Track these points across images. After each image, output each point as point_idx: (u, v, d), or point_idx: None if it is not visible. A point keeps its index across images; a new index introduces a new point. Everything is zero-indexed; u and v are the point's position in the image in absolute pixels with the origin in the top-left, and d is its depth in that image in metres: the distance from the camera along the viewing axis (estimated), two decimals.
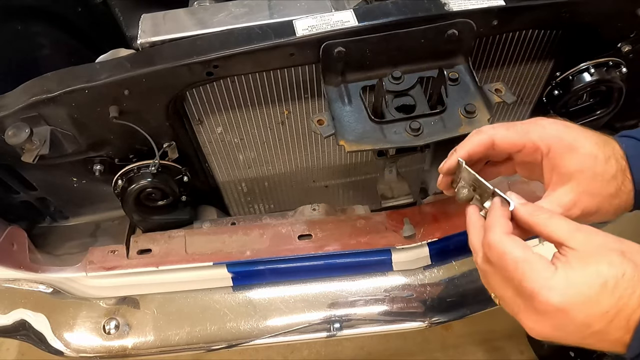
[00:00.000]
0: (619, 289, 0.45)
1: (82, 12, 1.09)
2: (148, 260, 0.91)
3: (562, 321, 0.47)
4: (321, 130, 0.79)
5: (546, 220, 0.52)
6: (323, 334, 0.90)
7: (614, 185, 0.57)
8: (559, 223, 0.51)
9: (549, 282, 0.47)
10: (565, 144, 0.57)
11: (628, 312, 0.45)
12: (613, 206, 0.58)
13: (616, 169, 0.57)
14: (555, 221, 0.51)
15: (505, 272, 0.50)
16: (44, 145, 0.78)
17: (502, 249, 0.50)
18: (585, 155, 0.57)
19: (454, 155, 0.60)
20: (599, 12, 0.83)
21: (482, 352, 1.60)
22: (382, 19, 0.78)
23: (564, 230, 0.50)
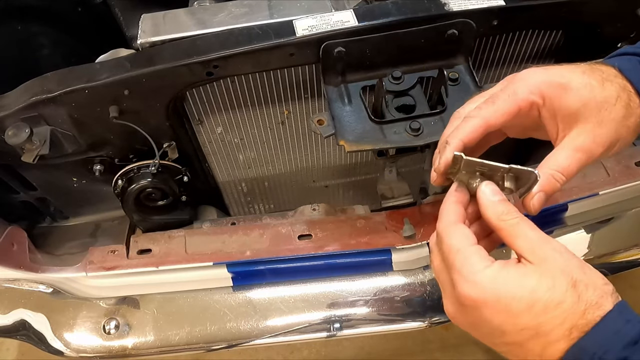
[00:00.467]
0: (545, 315, 0.42)
1: (82, 12, 1.09)
2: (148, 260, 0.91)
3: (476, 319, 0.46)
4: (321, 130, 0.79)
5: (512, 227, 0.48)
6: (323, 334, 0.90)
7: (622, 105, 0.53)
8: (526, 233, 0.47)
9: (474, 276, 0.46)
10: (556, 84, 0.53)
11: (546, 339, 0.42)
12: (632, 127, 0.54)
13: (616, 88, 0.53)
14: (522, 230, 0.48)
15: (446, 256, 0.50)
16: (44, 145, 0.78)
17: (448, 234, 0.50)
18: (579, 87, 0.52)
19: (448, 148, 0.54)
20: (599, 12, 0.83)
21: (482, 352, 1.60)
22: (382, 19, 0.78)
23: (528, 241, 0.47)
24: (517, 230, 0.48)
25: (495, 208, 0.50)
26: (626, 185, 0.93)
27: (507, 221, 0.49)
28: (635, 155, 0.97)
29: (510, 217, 0.49)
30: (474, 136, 0.54)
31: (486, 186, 0.51)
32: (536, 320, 0.43)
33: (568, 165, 0.52)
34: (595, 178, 0.94)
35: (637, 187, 0.93)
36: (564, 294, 0.43)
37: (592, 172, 0.95)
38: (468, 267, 0.47)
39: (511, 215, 0.49)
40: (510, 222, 0.48)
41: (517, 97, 0.53)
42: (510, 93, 0.54)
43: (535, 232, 0.48)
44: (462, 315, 0.49)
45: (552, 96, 0.53)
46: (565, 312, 0.42)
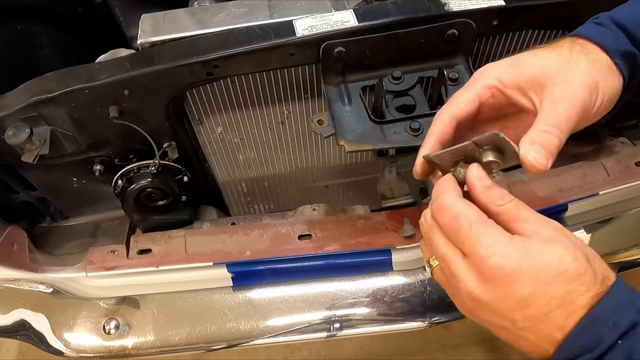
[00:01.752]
0: (574, 282, 0.43)
1: (82, 12, 1.09)
2: (148, 260, 0.91)
3: (504, 291, 0.45)
4: (321, 130, 0.79)
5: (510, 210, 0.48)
6: (323, 334, 0.90)
7: (578, 52, 0.54)
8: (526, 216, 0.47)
9: (503, 247, 0.45)
10: (507, 65, 0.55)
11: (572, 308, 0.43)
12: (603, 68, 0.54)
13: (566, 45, 0.55)
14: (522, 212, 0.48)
15: (455, 234, 0.48)
16: (44, 145, 0.78)
17: (456, 210, 0.48)
18: (528, 57, 0.55)
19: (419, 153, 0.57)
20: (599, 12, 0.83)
21: (482, 352, 1.60)
22: (382, 19, 0.78)
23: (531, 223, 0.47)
24: (517, 213, 0.48)
25: (489, 193, 0.49)
26: (626, 185, 0.93)
27: (504, 205, 0.48)
28: (635, 155, 0.97)
29: (506, 200, 0.48)
30: (447, 131, 0.56)
31: (475, 170, 0.50)
32: (565, 288, 0.43)
33: (556, 116, 0.51)
34: (595, 178, 0.94)
35: (637, 187, 0.93)
36: (585, 264, 0.44)
37: (592, 172, 0.95)
38: (494, 237, 0.45)
39: (506, 198, 0.49)
40: (507, 206, 0.48)
41: (474, 86, 0.56)
42: (469, 84, 0.57)
43: (534, 213, 0.48)
44: (487, 292, 0.46)
45: (508, 75, 0.55)
46: (588, 282, 0.43)
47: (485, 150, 0.50)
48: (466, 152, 0.52)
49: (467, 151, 0.52)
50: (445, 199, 0.49)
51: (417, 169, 0.57)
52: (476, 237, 0.46)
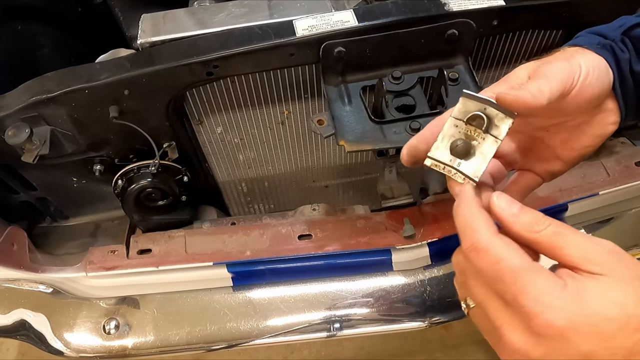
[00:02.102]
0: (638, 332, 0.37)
1: (82, 12, 1.09)
2: (148, 260, 0.91)
3: (559, 348, 0.39)
4: (321, 130, 0.79)
5: (551, 237, 0.41)
6: (323, 334, 0.90)
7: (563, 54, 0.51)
8: (571, 241, 0.41)
9: (554, 301, 0.39)
10: None
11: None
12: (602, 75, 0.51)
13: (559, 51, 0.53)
14: (565, 238, 0.41)
15: (496, 281, 0.41)
16: (44, 145, 0.78)
17: (495, 254, 0.41)
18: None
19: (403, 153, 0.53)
20: (599, 12, 0.83)
21: (482, 352, 1.60)
22: (382, 19, 0.78)
23: (579, 250, 0.41)
24: (559, 239, 0.42)
25: (521, 221, 0.43)
26: (626, 185, 0.93)
27: (541, 232, 0.42)
28: (635, 155, 0.97)
29: (543, 225, 0.42)
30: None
31: (496, 199, 0.45)
32: (631, 339, 0.38)
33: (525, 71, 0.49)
34: (595, 178, 0.94)
35: (637, 187, 0.93)
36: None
37: (592, 172, 0.95)
38: (541, 288, 0.39)
39: (543, 223, 0.43)
40: (545, 232, 0.42)
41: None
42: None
43: (579, 236, 0.42)
44: (539, 348, 0.40)
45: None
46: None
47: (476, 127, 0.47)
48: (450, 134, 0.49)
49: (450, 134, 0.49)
50: (481, 239, 0.42)
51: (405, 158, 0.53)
52: (521, 288, 0.40)
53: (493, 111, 0.46)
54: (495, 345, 0.44)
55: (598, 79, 0.51)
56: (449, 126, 0.49)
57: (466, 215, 0.45)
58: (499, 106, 0.46)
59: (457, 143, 0.48)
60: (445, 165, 0.50)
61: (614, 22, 0.58)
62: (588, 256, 0.40)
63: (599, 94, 0.51)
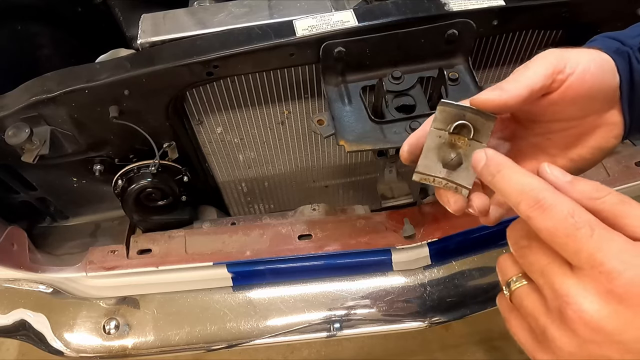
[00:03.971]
0: None
1: (82, 12, 1.09)
2: (148, 260, 0.91)
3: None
4: (321, 130, 0.79)
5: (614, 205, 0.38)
6: (323, 334, 0.90)
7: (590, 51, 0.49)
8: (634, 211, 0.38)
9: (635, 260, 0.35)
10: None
11: None
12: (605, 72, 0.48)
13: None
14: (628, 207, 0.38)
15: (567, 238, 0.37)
16: (44, 145, 0.78)
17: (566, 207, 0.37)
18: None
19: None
20: (599, 12, 0.83)
21: (482, 352, 1.60)
22: (382, 19, 0.78)
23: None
24: (622, 208, 0.38)
25: (579, 188, 0.40)
26: (626, 185, 0.93)
27: (603, 198, 0.39)
28: (635, 155, 0.97)
29: (603, 192, 0.39)
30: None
31: (547, 167, 0.42)
32: None
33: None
34: (595, 178, 0.94)
35: (637, 187, 0.93)
36: None
37: (592, 172, 0.95)
38: (623, 247, 0.35)
39: (603, 190, 0.39)
40: (607, 199, 0.39)
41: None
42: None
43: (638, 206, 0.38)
44: (614, 317, 0.35)
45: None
46: None
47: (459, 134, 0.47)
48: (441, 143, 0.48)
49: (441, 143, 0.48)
50: (547, 195, 0.38)
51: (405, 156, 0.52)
52: (599, 244, 0.36)
53: (472, 117, 0.46)
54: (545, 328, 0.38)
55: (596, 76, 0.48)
56: (432, 138, 0.48)
57: (518, 174, 0.41)
58: (477, 110, 0.46)
59: (451, 157, 0.48)
60: (436, 178, 0.50)
61: (632, 29, 0.55)
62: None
63: (597, 93, 0.49)
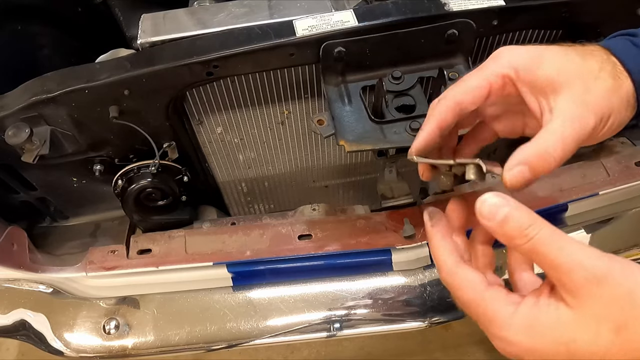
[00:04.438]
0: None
1: (82, 12, 1.09)
2: (148, 260, 0.91)
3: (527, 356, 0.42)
4: (321, 130, 0.79)
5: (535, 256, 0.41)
6: (323, 334, 0.90)
7: (608, 74, 0.48)
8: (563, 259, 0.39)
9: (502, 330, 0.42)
10: (527, 56, 0.49)
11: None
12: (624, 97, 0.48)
13: (597, 60, 0.49)
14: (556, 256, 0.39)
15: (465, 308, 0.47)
16: (44, 145, 0.78)
17: (452, 290, 0.47)
18: (555, 56, 0.48)
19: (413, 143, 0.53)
20: (599, 12, 0.83)
21: (482, 352, 1.60)
22: (382, 19, 0.78)
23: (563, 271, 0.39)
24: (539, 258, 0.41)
25: (504, 231, 0.42)
26: (626, 185, 0.93)
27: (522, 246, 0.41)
28: (635, 155, 0.97)
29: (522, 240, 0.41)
30: (447, 118, 0.51)
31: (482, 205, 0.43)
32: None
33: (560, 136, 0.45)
34: (595, 178, 0.94)
35: (637, 187, 0.93)
36: (608, 344, 0.37)
37: (592, 172, 0.95)
38: (493, 319, 0.43)
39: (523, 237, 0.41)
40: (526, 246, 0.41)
41: (486, 71, 0.50)
42: (481, 68, 0.51)
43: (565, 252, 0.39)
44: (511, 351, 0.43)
45: (525, 67, 0.48)
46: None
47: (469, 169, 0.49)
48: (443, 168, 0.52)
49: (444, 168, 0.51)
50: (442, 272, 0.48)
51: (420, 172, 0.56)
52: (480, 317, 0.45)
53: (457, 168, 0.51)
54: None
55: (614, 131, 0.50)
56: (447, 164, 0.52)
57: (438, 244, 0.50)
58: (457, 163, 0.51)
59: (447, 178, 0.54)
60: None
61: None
62: (564, 281, 0.39)
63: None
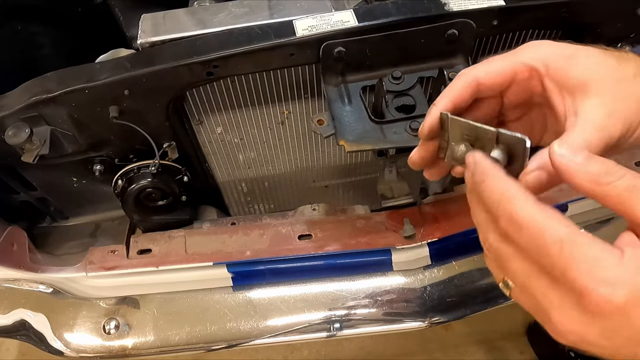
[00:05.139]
0: None
1: (82, 12, 1.09)
2: (148, 260, 0.91)
3: (619, 325, 0.34)
4: (321, 130, 0.79)
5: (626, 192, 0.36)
6: (323, 334, 0.90)
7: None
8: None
9: (611, 274, 0.34)
10: (561, 53, 0.46)
11: None
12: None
13: (633, 65, 0.46)
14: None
15: (540, 255, 0.36)
16: (44, 145, 0.78)
17: (538, 225, 0.36)
18: (589, 57, 0.46)
19: (434, 109, 0.48)
20: (599, 12, 0.83)
21: (482, 352, 1.60)
22: (382, 19, 0.78)
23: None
24: (632, 196, 0.36)
25: (588, 170, 0.38)
26: None
27: (612, 184, 0.37)
28: (635, 155, 0.97)
29: (614, 176, 0.37)
30: (464, 94, 0.48)
31: (560, 146, 0.39)
32: None
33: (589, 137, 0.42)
34: None
35: None
36: None
37: None
38: (597, 261, 0.34)
39: (615, 174, 0.37)
40: (616, 184, 0.37)
41: (515, 58, 0.48)
42: (509, 55, 0.48)
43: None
44: (590, 328, 0.36)
45: (557, 65, 0.46)
46: None
47: (501, 149, 0.43)
48: (481, 135, 0.44)
49: (483, 135, 0.44)
50: (520, 211, 0.37)
51: (425, 129, 0.48)
52: (570, 261, 0.35)
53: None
54: (546, 325, 0.39)
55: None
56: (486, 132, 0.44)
57: (498, 186, 0.39)
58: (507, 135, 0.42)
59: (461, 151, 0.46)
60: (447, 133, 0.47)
61: None
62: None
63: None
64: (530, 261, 0.38)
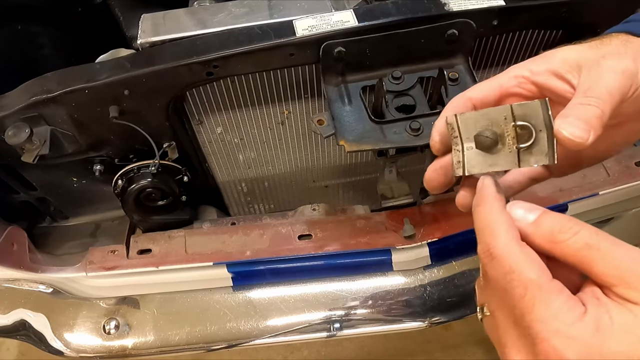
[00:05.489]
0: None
1: (82, 12, 1.09)
2: (148, 260, 0.91)
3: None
4: (321, 130, 0.79)
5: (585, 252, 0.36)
6: (323, 334, 0.90)
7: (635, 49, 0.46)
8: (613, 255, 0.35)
9: (568, 329, 0.34)
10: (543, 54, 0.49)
11: None
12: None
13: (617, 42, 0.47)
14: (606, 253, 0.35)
15: (506, 293, 0.37)
16: (44, 145, 0.78)
17: (511, 264, 0.37)
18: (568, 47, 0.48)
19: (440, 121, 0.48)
20: (599, 12, 0.83)
21: (482, 352, 1.60)
22: (382, 19, 0.78)
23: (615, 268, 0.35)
24: (589, 253, 0.36)
25: (541, 230, 0.38)
26: (626, 185, 0.93)
27: (566, 242, 0.37)
28: (635, 155, 0.97)
29: (568, 234, 0.37)
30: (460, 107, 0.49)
31: (513, 207, 0.40)
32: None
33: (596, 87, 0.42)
34: (595, 178, 0.94)
35: (637, 187, 0.93)
36: None
37: (592, 172, 0.95)
38: (557, 313, 0.34)
39: (568, 231, 0.37)
40: (571, 242, 0.37)
41: (500, 76, 0.49)
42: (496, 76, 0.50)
43: (618, 248, 0.36)
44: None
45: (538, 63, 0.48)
46: None
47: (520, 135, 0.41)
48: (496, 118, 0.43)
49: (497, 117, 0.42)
50: (497, 245, 0.38)
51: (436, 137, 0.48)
52: (530, 306, 0.35)
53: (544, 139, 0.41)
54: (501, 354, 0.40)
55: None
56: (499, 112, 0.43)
57: (486, 216, 0.40)
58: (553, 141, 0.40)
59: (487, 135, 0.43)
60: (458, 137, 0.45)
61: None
62: (625, 277, 0.34)
63: None
64: (498, 295, 0.39)
